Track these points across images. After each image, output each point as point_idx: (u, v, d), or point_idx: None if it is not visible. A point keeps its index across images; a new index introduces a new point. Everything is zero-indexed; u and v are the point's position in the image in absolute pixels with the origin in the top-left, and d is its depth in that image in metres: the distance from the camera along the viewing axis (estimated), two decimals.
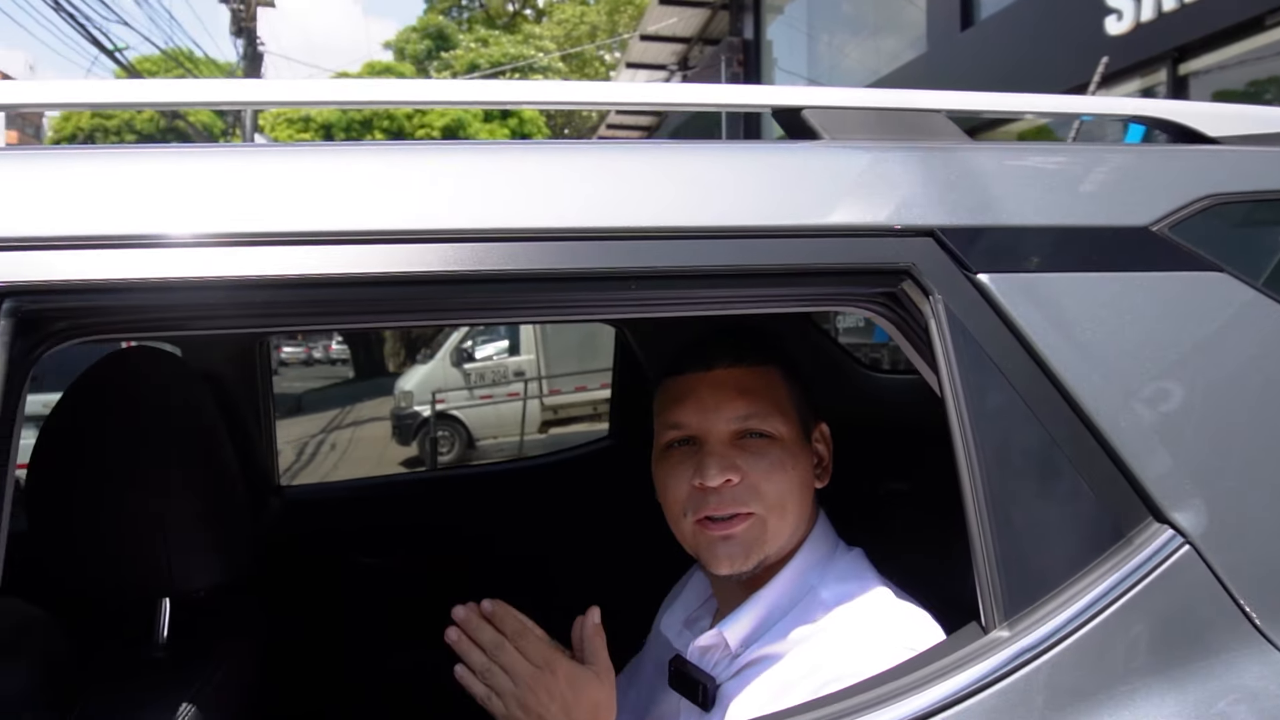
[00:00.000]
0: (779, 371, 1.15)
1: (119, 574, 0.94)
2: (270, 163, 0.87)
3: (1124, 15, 6.38)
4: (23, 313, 0.75)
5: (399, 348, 17.70)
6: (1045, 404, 0.90)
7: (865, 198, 0.94)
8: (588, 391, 10.97)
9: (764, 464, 1.09)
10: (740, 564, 1.09)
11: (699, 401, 1.11)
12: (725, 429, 1.10)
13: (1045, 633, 0.82)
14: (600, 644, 1.03)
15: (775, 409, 1.11)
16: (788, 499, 1.10)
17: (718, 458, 1.08)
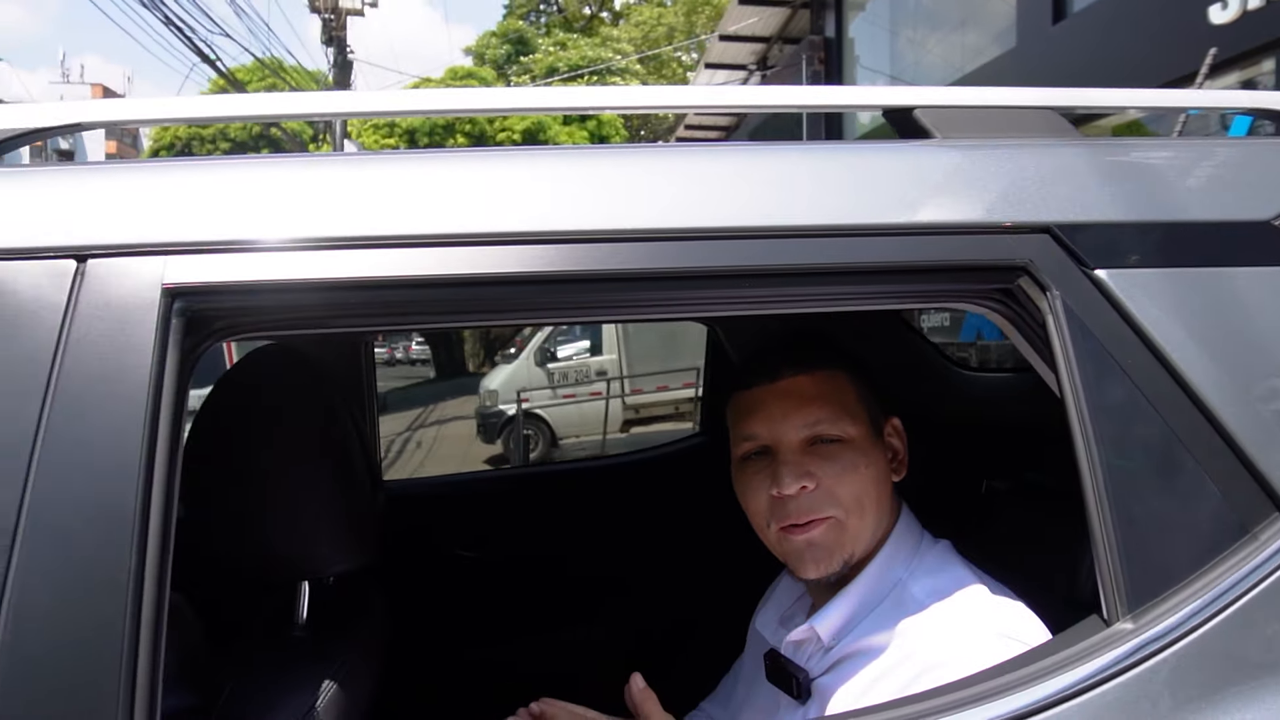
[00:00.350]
0: (845, 374, 1.16)
1: (265, 559, 1.01)
2: (402, 170, 0.92)
3: (1229, 3, 6.14)
4: (191, 312, 0.82)
5: (478, 348, 17.98)
6: (1166, 399, 0.89)
7: (980, 195, 0.95)
8: (669, 391, 11.02)
9: (837, 467, 1.11)
10: (825, 567, 1.11)
11: (768, 413, 1.14)
12: (796, 437, 1.12)
13: (1170, 626, 0.83)
14: (652, 703, 1.07)
15: (843, 412, 1.13)
16: (865, 498, 1.11)
17: (791, 466, 1.11)
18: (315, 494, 1.02)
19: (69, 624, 0.72)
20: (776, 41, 16.37)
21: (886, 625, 1.06)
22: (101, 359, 0.78)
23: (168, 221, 0.83)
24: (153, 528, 0.75)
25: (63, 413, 0.76)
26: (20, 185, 0.85)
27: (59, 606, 0.73)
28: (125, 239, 0.82)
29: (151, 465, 0.76)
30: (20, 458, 0.75)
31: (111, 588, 0.73)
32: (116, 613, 0.72)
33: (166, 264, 0.81)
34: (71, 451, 0.75)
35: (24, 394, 0.76)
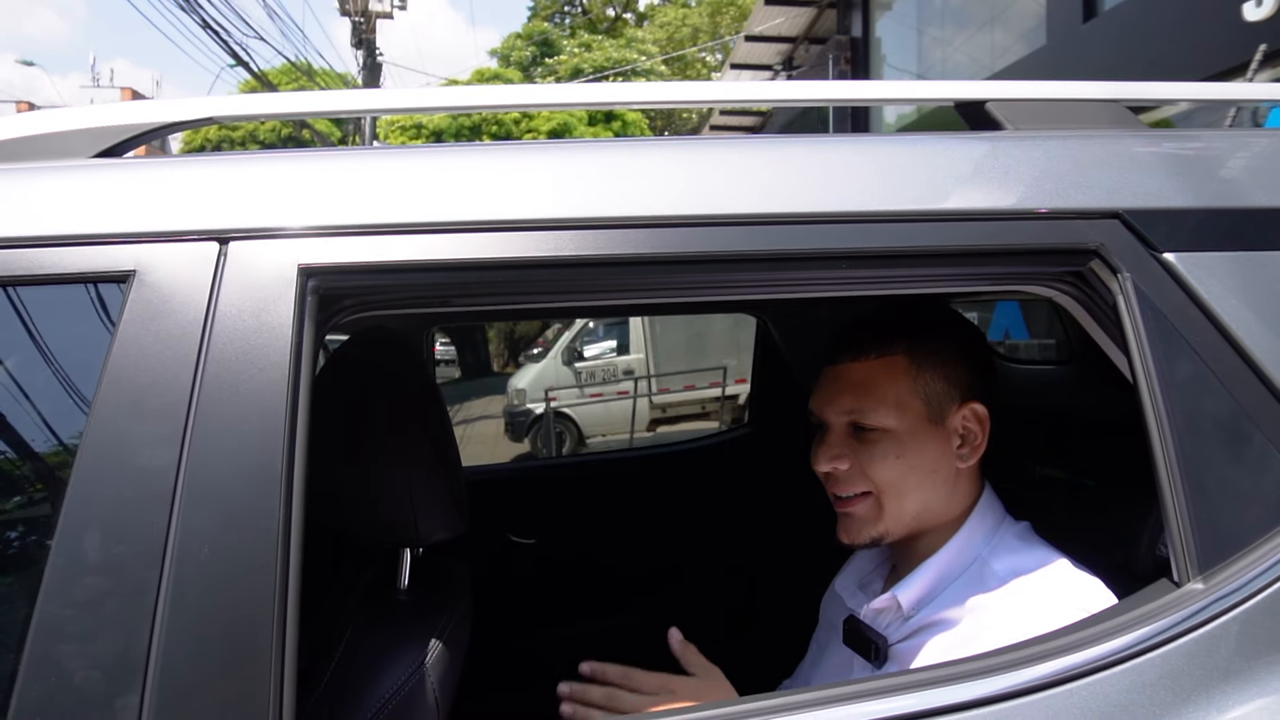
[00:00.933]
0: (905, 360, 1.19)
1: (378, 526, 1.07)
2: (513, 159, 0.98)
3: (1264, 0, 6.12)
4: (324, 289, 0.88)
5: (503, 348, 18.07)
6: (1233, 375, 0.94)
7: (1052, 183, 1.00)
8: (696, 390, 11.07)
9: (873, 452, 1.17)
10: (856, 536, 1.19)
11: (822, 392, 1.23)
12: (838, 420, 1.20)
13: (1239, 586, 0.88)
14: (693, 653, 1.14)
15: (883, 402, 1.17)
16: (903, 483, 1.17)
17: (827, 446, 1.20)
18: (423, 465, 1.08)
19: (227, 574, 0.79)
20: (803, 42, 16.38)
21: (966, 598, 1.12)
22: (246, 332, 0.85)
23: (302, 206, 0.90)
24: (295, 486, 0.82)
25: (214, 381, 0.83)
26: (165, 172, 0.93)
27: (217, 558, 0.79)
28: (264, 223, 0.89)
29: (294, 428, 0.83)
30: (177, 423, 0.82)
31: (264, 539, 0.80)
32: (269, 561, 0.79)
33: (302, 246, 0.88)
34: (223, 417, 0.82)
35: (179, 364, 0.83)
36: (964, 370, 1.22)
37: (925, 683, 0.86)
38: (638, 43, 29.19)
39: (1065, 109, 1.09)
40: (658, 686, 1.08)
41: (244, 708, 0.77)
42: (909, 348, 1.21)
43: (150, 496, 0.80)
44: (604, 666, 1.10)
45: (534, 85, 1.16)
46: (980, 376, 1.23)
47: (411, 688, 1.00)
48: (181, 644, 0.78)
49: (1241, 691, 0.85)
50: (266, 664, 0.78)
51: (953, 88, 1.12)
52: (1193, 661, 0.86)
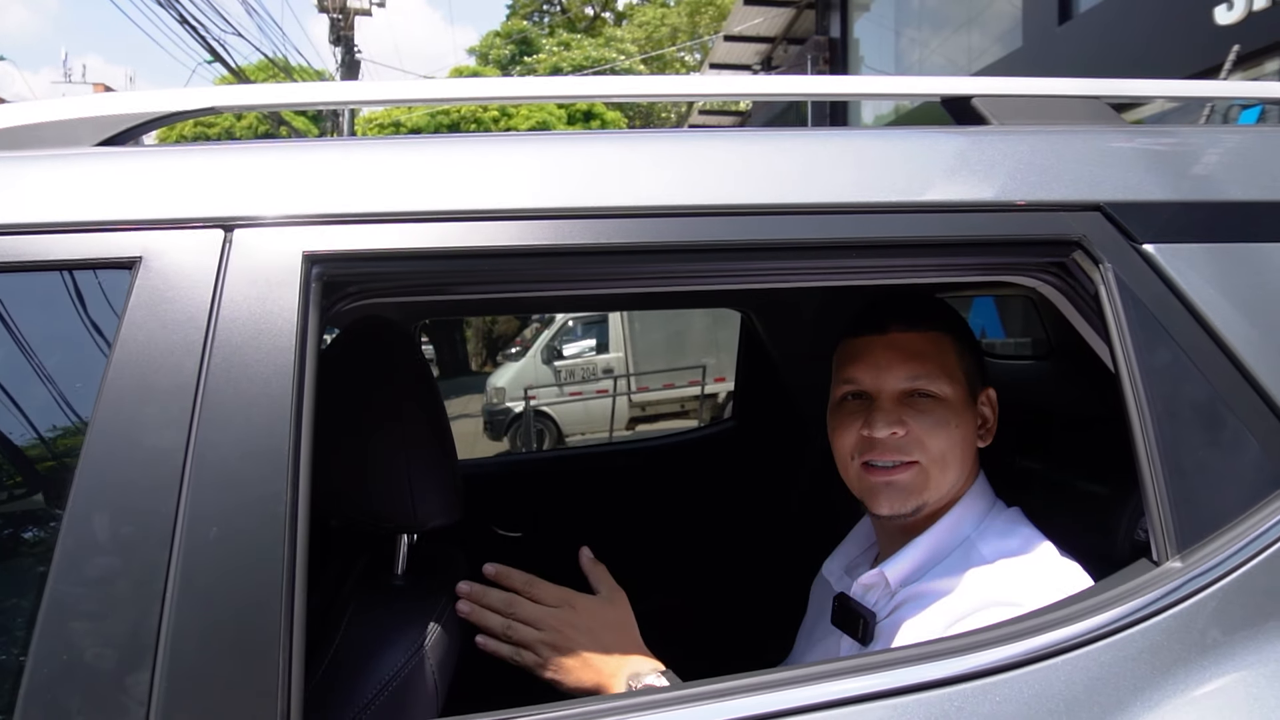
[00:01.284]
0: (949, 337, 1.24)
1: (377, 511, 1.09)
2: (514, 149, 1.00)
3: (1235, 4, 6.23)
4: (328, 276, 0.90)
5: (481, 347, 18.02)
6: (1209, 361, 0.98)
7: (1037, 176, 1.03)
8: (675, 389, 11.11)
9: (928, 421, 1.19)
10: (899, 506, 1.20)
11: (873, 361, 1.22)
12: (895, 387, 1.21)
13: (1216, 564, 0.91)
14: (602, 573, 1.16)
15: (942, 372, 1.21)
16: (949, 454, 1.19)
17: (885, 413, 1.19)
18: (421, 452, 1.10)
19: (235, 555, 0.81)
20: (781, 42, 16.47)
21: (951, 576, 1.14)
22: (252, 318, 0.86)
23: (307, 195, 0.92)
24: (302, 469, 0.84)
25: (221, 366, 0.84)
26: (170, 161, 0.94)
27: (225, 539, 0.81)
28: (269, 211, 0.90)
29: (300, 411, 0.85)
30: (184, 407, 0.83)
31: (272, 521, 0.81)
32: (276, 543, 0.81)
33: (306, 233, 0.90)
34: (230, 401, 0.84)
35: (185, 348, 0.85)
36: (980, 357, 1.28)
37: (910, 659, 0.89)
38: (616, 42, 29.22)
39: (1048, 105, 1.13)
40: (559, 599, 1.08)
41: (253, 686, 0.79)
42: (950, 327, 1.26)
43: (159, 479, 0.82)
44: (508, 571, 1.09)
45: (537, 78, 1.18)
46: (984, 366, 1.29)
47: (411, 670, 1.01)
48: (191, 623, 0.79)
49: (1219, 665, 0.88)
50: (275, 643, 0.80)
51: (939, 83, 1.15)
52: (1171, 636, 0.89)
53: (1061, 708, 0.85)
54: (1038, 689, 0.86)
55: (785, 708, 0.86)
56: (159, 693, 0.78)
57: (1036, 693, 0.85)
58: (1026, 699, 0.85)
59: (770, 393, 2.43)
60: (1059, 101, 1.13)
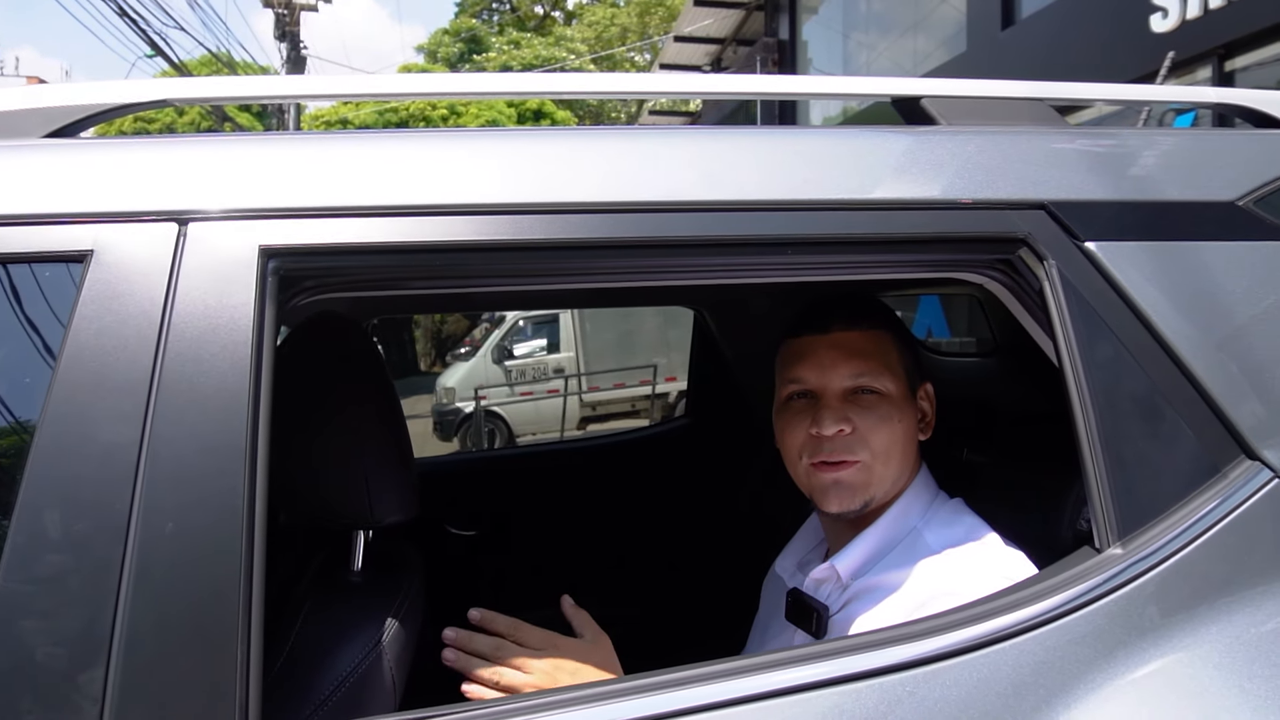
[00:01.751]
0: (889, 335, 1.27)
1: (334, 507, 1.08)
2: (475, 144, 1.01)
3: (1169, 13, 6.42)
4: (284, 270, 0.90)
5: (430, 347, 17.85)
6: (1148, 355, 1.01)
7: (984, 175, 1.06)
8: (626, 389, 11.12)
9: (873, 417, 1.22)
10: (848, 503, 1.22)
11: (817, 360, 1.24)
12: (840, 385, 1.23)
13: (1155, 550, 0.94)
14: (585, 618, 1.16)
15: (884, 368, 1.24)
16: (893, 448, 1.22)
17: (832, 410, 1.22)
18: (377, 448, 1.10)
19: (192, 550, 0.80)
20: (731, 43, 16.57)
21: (901, 567, 1.17)
22: (208, 312, 0.86)
23: (263, 188, 0.91)
24: (260, 464, 0.83)
25: (176, 360, 0.84)
26: (122, 153, 0.93)
27: (181, 534, 0.80)
28: (225, 204, 0.89)
29: (257, 406, 0.84)
30: (138, 401, 0.82)
31: (229, 516, 0.81)
32: (234, 536, 0.80)
33: (262, 227, 0.89)
34: (186, 395, 0.83)
35: (139, 343, 0.84)
36: (917, 353, 1.32)
37: (859, 647, 0.91)
38: (566, 41, 29.16)
39: (994, 106, 1.16)
40: (544, 642, 1.08)
41: (210, 682, 0.78)
42: (890, 324, 1.29)
43: (112, 474, 0.81)
44: (493, 615, 1.09)
45: (490, 74, 1.18)
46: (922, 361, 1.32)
47: (369, 666, 1.01)
48: (146, 620, 0.78)
49: (1158, 646, 0.91)
50: (233, 639, 0.79)
51: (890, 84, 1.18)
52: (1113, 620, 0.92)
53: (1009, 691, 0.88)
54: (985, 673, 0.88)
55: (738, 696, 0.87)
56: (113, 690, 0.77)
57: (984, 677, 0.88)
58: (975, 683, 0.88)
59: (723, 390, 2.45)
60: (1005, 103, 1.16)
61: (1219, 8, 6.15)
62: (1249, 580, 0.96)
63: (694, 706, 0.87)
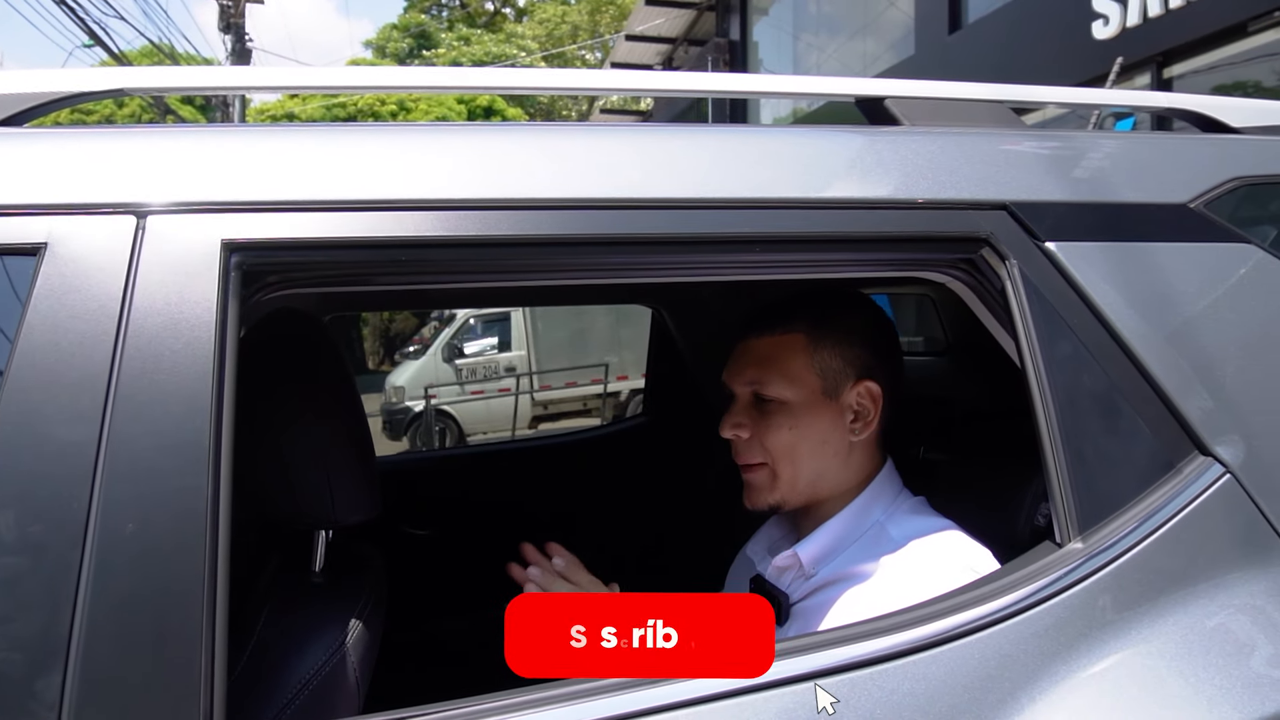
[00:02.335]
0: (804, 338, 1.26)
1: (295, 507, 1.06)
2: (445, 139, 1.00)
3: (1110, 20, 6.58)
4: (248, 265, 0.88)
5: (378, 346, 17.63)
6: (1106, 353, 1.03)
7: (947, 175, 1.07)
8: (578, 387, 11.10)
9: (769, 423, 1.25)
10: (756, 502, 1.28)
11: (731, 365, 1.31)
12: (742, 390, 1.29)
13: (1115, 545, 0.96)
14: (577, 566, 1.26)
15: (782, 376, 1.25)
16: (796, 452, 1.24)
17: (730, 415, 1.28)
18: (340, 446, 1.08)
19: (153, 551, 0.78)
20: (682, 43, 16.61)
21: (864, 559, 1.18)
22: (169, 308, 0.83)
23: (225, 181, 0.89)
24: (223, 462, 0.81)
25: (135, 357, 0.81)
26: (76, 143, 0.90)
27: (143, 535, 0.78)
28: (185, 197, 0.87)
29: (221, 403, 0.82)
30: (96, 399, 0.80)
31: (192, 516, 0.79)
32: (198, 537, 0.78)
33: (225, 221, 0.87)
34: (147, 392, 0.81)
35: (96, 338, 0.81)
36: (862, 351, 1.28)
37: (828, 642, 0.92)
38: (517, 38, 29.01)
39: (956, 108, 1.17)
40: None
41: (173, 687, 0.76)
42: (809, 326, 1.27)
43: (69, 474, 0.78)
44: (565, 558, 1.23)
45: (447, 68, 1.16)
46: (880, 358, 1.30)
47: (333, 668, 0.99)
48: (106, 624, 0.76)
49: (1118, 639, 0.93)
50: (196, 643, 0.77)
51: (853, 84, 1.18)
52: (1075, 613, 0.94)
53: (976, 684, 0.89)
54: (952, 667, 0.89)
55: (706, 694, 0.87)
56: (71, 696, 0.75)
57: (951, 671, 0.89)
58: (941, 677, 0.89)
59: (680, 388, 2.45)
60: (965, 105, 1.17)
61: (1158, 16, 6.31)
62: (1202, 573, 0.99)
63: (659, 706, 0.87)
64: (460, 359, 11.46)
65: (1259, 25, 5.84)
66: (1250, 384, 1.07)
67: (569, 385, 11.16)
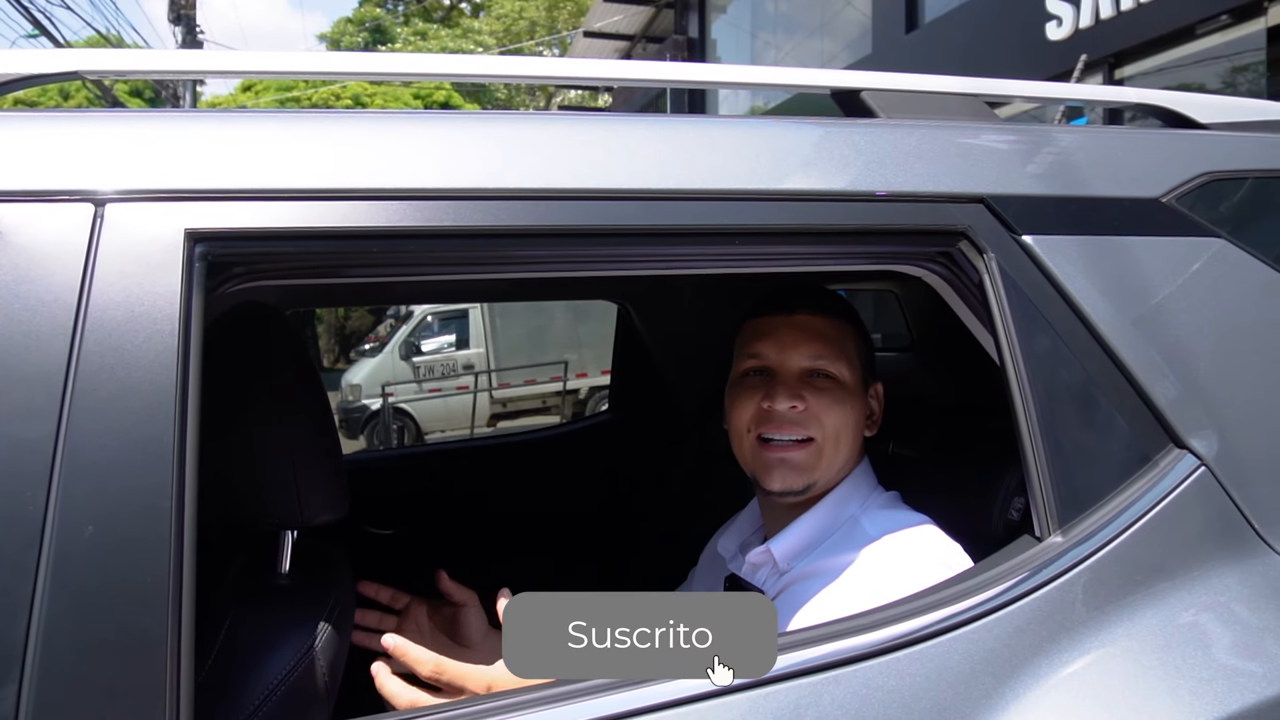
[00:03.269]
0: (850, 327, 1.29)
1: (261, 507, 1.03)
2: (415, 127, 0.97)
3: (1064, 21, 6.68)
4: (212, 256, 0.84)
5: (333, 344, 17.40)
6: (1082, 346, 1.04)
7: (925, 168, 1.06)
8: (537, 385, 11.04)
9: (826, 399, 1.23)
10: (792, 482, 1.23)
11: (779, 338, 1.26)
12: (798, 365, 1.24)
13: (1094, 538, 0.96)
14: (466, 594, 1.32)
15: (843, 356, 1.25)
16: (843, 433, 1.23)
17: (787, 387, 1.23)
18: (307, 444, 1.05)
19: (115, 553, 0.74)
20: (640, 40, 16.60)
21: (838, 554, 1.17)
22: (129, 300, 0.80)
23: (188, 168, 0.85)
24: (189, 460, 0.78)
25: (95, 351, 0.78)
26: (27, 128, 0.86)
27: (104, 537, 0.74)
28: (146, 184, 0.84)
29: (185, 399, 0.79)
30: (53, 394, 0.76)
31: (156, 516, 0.75)
32: (162, 538, 0.75)
33: (188, 210, 0.84)
34: (107, 388, 0.77)
35: (53, 331, 0.78)
36: (871, 353, 1.33)
37: (817, 639, 0.91)
38: (474, 34, 28.81)
39: (931, 101, 1.17)
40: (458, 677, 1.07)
41: (137, 695, 0.73)
42: (850, 319, 1.30)
43: (24, 472, 0.74)
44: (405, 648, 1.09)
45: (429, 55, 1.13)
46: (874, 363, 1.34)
47: (302, 672, 0.96)
48: (64, 630, 0.73)
49: (1101, 632, 0.93)
50: (161, 649, 0.74)
51: (828, 76, 1.18)
52: (1058, 606, 0.94)
53: (962, 679, 0.88)
54: (939, 662, 0.89)
55: (694, 693, 0.86)
56: (28, 707, 0.71)
57: (939, 666, 0.88)
58: (927, 673, 0.88)
59: (647, 385, 2.44)
60: (941, 98, 1.17)
61: (1109, 18, 6.42)
62: (1180, 564, 0.99)
63: (646, 706, 0.85)
64: (418, 356, 11.35)
65: (1207, 28, 5.96)
66: (1222, 377, 1.08)
67: (528, 383, 11.10)
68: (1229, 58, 6.14)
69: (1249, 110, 1.35)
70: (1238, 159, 1.21)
